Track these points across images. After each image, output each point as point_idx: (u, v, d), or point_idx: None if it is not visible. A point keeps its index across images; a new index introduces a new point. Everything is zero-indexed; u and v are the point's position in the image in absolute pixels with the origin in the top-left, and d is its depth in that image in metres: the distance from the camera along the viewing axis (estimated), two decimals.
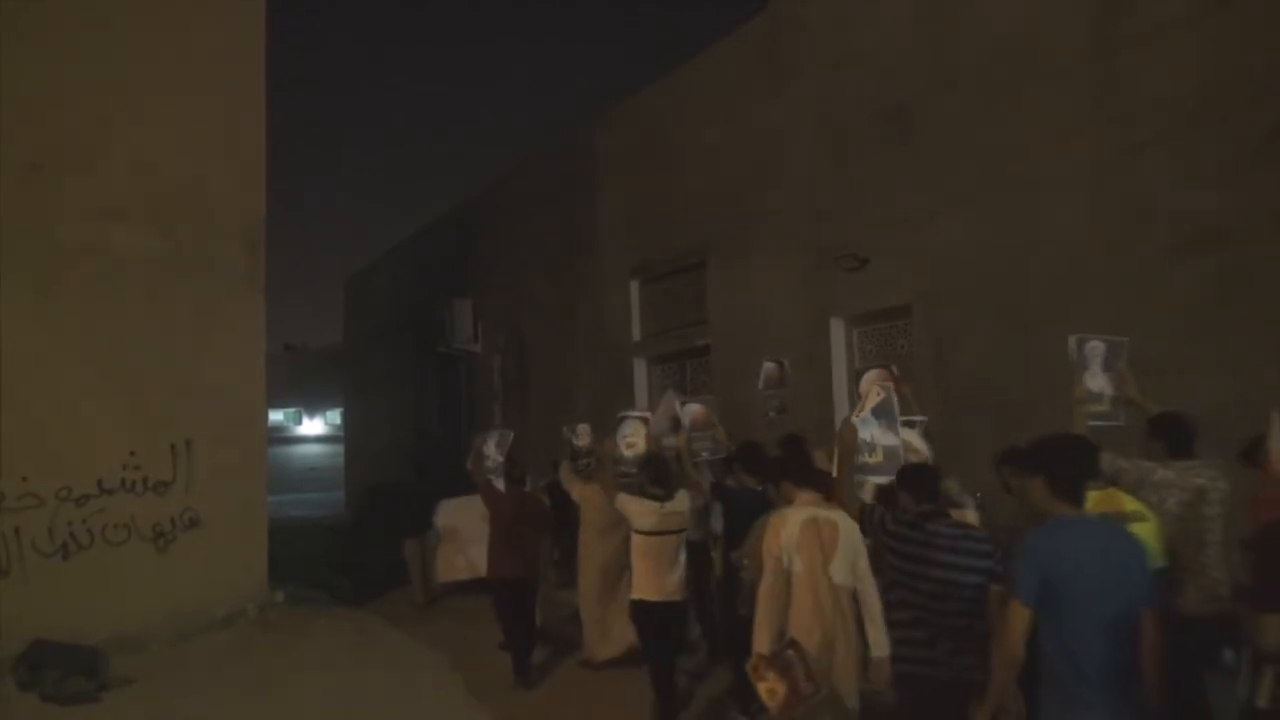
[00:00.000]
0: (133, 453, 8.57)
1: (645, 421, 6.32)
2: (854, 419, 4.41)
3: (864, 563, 4.13)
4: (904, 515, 3.88)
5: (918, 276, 7.62)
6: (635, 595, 5.62)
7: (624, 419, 6.41)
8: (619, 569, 6.57)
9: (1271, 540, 3.22)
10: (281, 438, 38.97)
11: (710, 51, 10.34)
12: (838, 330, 8.56)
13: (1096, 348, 4.81)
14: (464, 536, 8.54)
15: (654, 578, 5.52)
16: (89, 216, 8.55)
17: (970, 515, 4.45)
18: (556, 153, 13.78)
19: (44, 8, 8.52)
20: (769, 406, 7.00)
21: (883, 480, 4.38)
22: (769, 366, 6.93)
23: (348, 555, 13.09)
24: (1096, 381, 4.71)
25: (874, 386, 4.79)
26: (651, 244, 11.08)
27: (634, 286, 11.54)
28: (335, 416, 40.46)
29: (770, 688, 3.95)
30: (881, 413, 4.51)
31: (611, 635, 6.82)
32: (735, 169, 9.69)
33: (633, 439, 6.20)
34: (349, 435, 24.01)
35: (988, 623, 3.56)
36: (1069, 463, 3.25)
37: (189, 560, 8.71)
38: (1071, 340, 4.79)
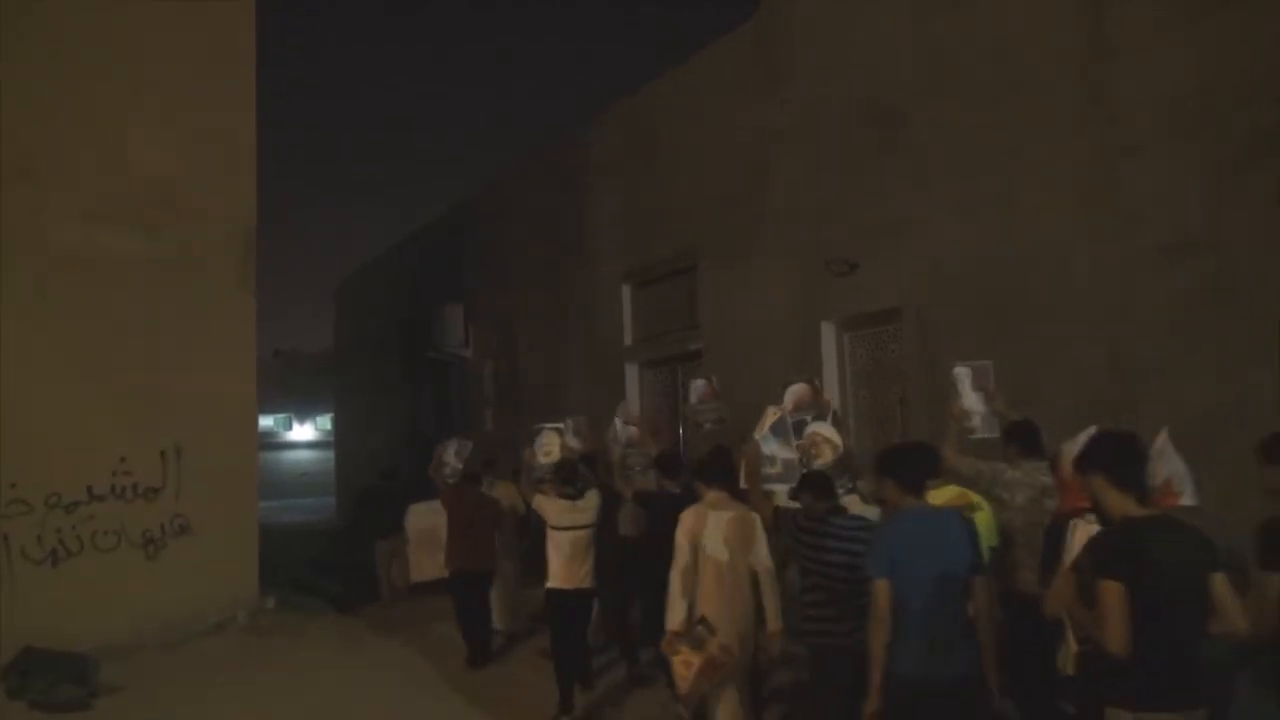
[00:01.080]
0: (123, 459, 8.56)
1: (559, 432, 7.13)
2: (756, 436, 5.35)
3: (766, 550, 4.75)
4: (811, 513, 4.63)
5: (908, 280, 7.65)
6: (549, 584, 6.27)
7: (540, 430, 7.23)
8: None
9: (1053, 532, 4.10)
10: (272, 443, 38.87)
11: (701, 55, 10.36)
12: (829, 334, 8.58)
13: (964, 373, 5.39)
14: (434, 538, 8.79)
15: (566, 568, 6.20)
16: (78, 221, 8.54)
17: (873, 510, 4.91)
18: (548, 157, 13.79)
19: (33, 14, 8.51)
20: (703, 420, 7.33)
21: (782, 487, 5.20)
22: (699, 384, 7.39)
23: (339, 560, 13.07)
24: (969, 400, 5.29)
25: (769, 408, 5.75)
26: (643, 248, 11.09)
27: (626, 291, 11.55)
28: (326, 422, 40.41)
29: (685, 659, 4.40)
30: (779, 430, 5.42)
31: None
32: (726, 173, 9.71)
33: (549, 448, 6.93)
34: (339, 440, 23.95)
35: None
36: (909, 465, 3.96)
37: (179, 566, 8.69)
38: (955, 370, 5.48)
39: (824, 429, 5.46)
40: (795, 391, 6.09)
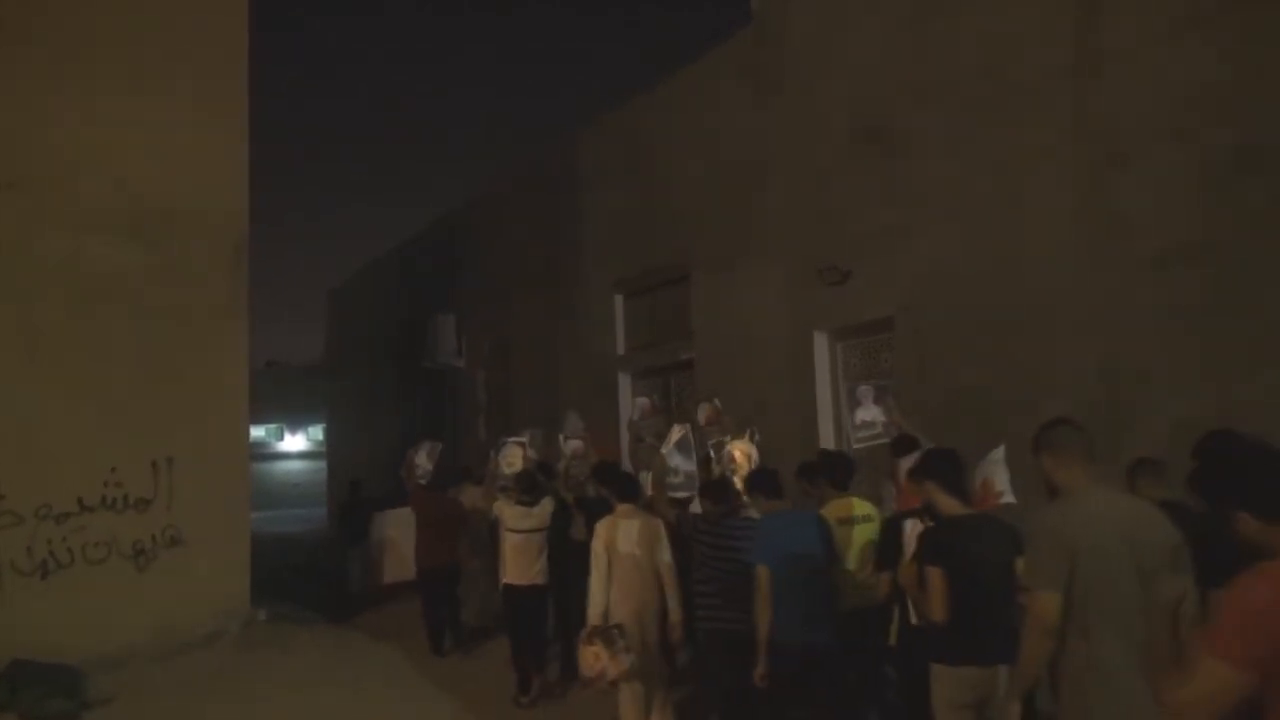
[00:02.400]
0: (113, 469, 8.52)
1: (521, 445, 7.82)
2: (662, 451, 6.34)
3: (669, 550, 5.43)
4: (709, 516, 5.43)
5: (900, 290, 7.68)
6: (505, 580, 7.05)
7: (504, 444, 7.92)
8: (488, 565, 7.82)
9: (890, 528, 4.84)
10: (263, 454, 38.72)
11: (694, 65, 10.40)
12: (821, 344, 8.61)
13: (867, 390, 6.41)
14: (396, 545, 9.58)
15: (520, 566, 6.98)
16: (69, 232, 8.51)
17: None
18: (540, 166, 13.81)
19: (24, 24, 8.50)
20: (644, 434, 8.03)
21: (683, 495, 6.17)
22: (642, 401, 8.25)
23: (317, 567, 13.05)
24: (870, 413, 6.18)
25: (674, 426, 6.73)
26: (635, 257, 11.11)
27: (618, 300, 11.57)
28: (317, 432, 40.26)
29: (596, 653, 5.08)
30: (683, 446, 6.36)
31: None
32: (719, 182, 9.75)
33: (511, 459, 7.68)
34: (331, 451, 23.88)
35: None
36: (767, 478, 5.09)
37: (170, 578, 8.64)
38: (848, 388, 6.62)
39: (741, 445, 6.26)
40: (703, 411, 7.22)
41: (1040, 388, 6.49)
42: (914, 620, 4.38)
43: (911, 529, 4.48)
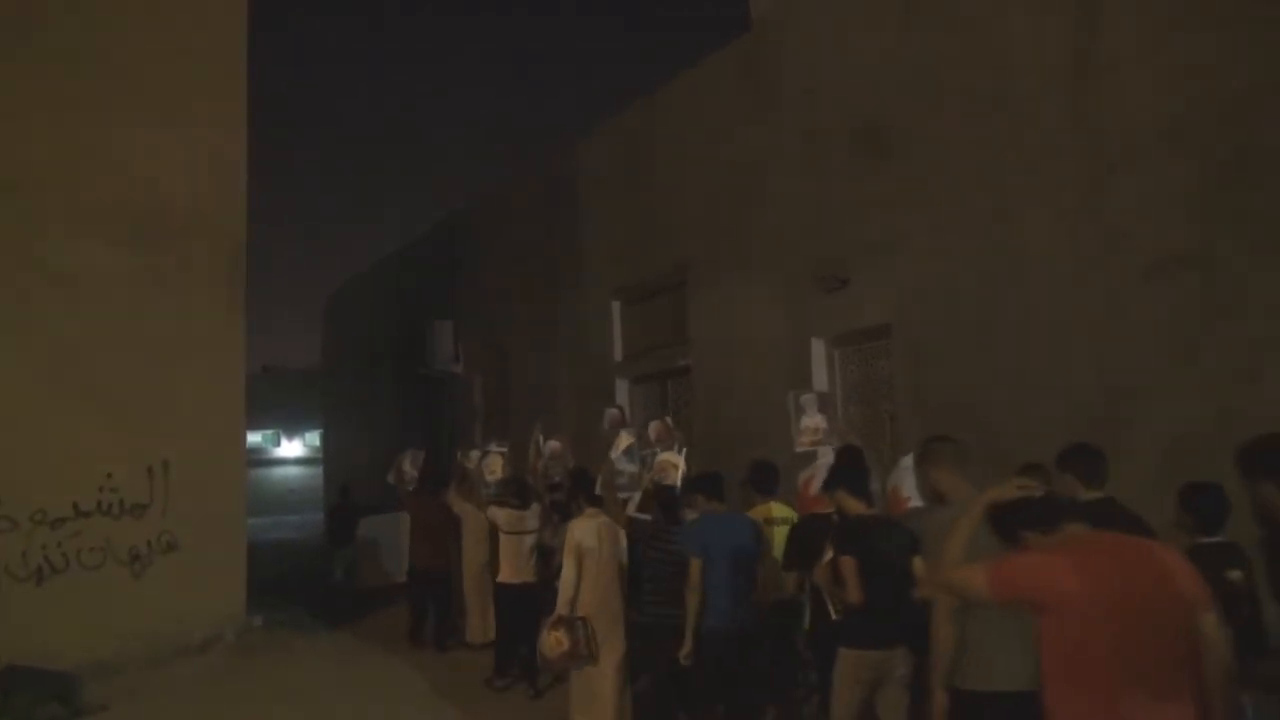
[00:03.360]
0: (109, 475, 8.49)
1: (502, 454, 8.35)
2: (611, 456, 7.00)
3: (626, 547, 6.06)
4: (658, 522, 5.96)
5: (897, 297, 7.69)
6: (500, 579, 7.52)
7: (486, 453, 8.43)
8: (493, 567, 8.04)
9: (792, 531, 5.42)
10: (260, 459, 38.65)
11: (692, 72, 10.42)
12: (818, 350, 8.61)
13: (811, 399, 6.85)
14: (388, 547, 10.08)
15: (512, 566, 7.42)
16: (67, 235, 8.50)
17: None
18: (537, 173, 13.83)
19: (22, 28, 8.50)
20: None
21: (628, 496, 6.78)
22: (612, 411, 8.57)
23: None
24: (814, 420, 6.62)
25: (621, 434, 7.36)
26: (633, 264, 11.12)
27: (615, 307, 11.57)
28: (314, 438, 40.22)
29: (559, 639, 5.69)
30: (630, 453, 7.16)
31: (488, 619, 8.23)
32: (716, 189, 9.76)
33: (493, 468, 8.21)
34: (328, 457, 23.83)
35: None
36: (710, 480, 5.61)
37: (166, 584, 8.62)
38: (790, 395, 6.93)
39: (671, 456, 6.75)
40: (654, 427, 7.63)
41: (1037, 395, 6.50)
42: (834, 615, 4.74)
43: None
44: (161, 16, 9.27)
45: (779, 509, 5.83)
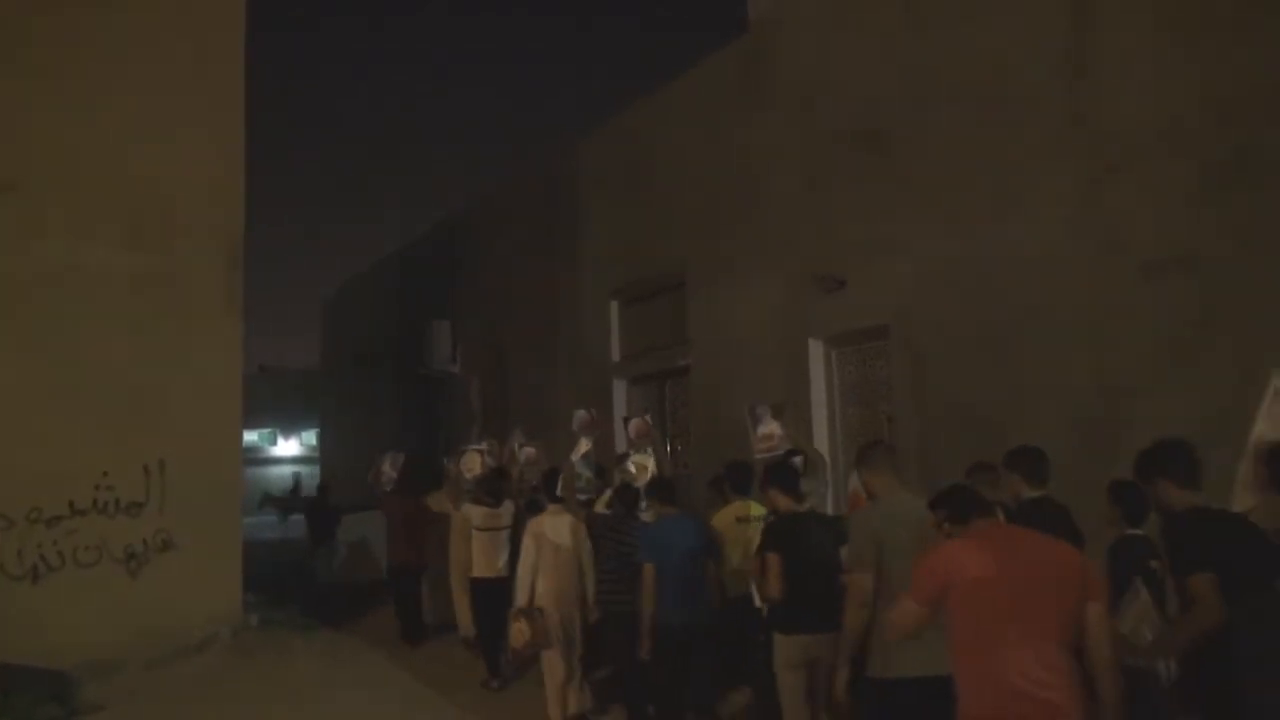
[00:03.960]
0: (105, 473, 8.47)
1: (480, 452, 8.56)
2: (572, 459, 7.58)
3: (588, 543, 6.45)
4: (617, 517, 6.30)
5: (895, 298, 7.69)
6: (473, 574, 7.72)
7: (464, 451, 8.68)
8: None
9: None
10: (256, 459, 38.58)
11: (691, 73, 10.42)
12: (816, 351, 8.61)
13: (765, 409, 7.10)
14: (367, 543, 10.61)
15: (485, 561, 7.64)
16: (64, 234, 8.48)
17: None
18: (536, 174, 13.83)
19: (18, 27, 8.48)
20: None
21: (586, 498, 7.27)
22: (580, 414, 8.69)
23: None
24: (769, 428, 6.89)
25: (581, 440, 7.81)
26: (631, 264, 11.11)
27: (614, 307, 11.57)
28: (311, 438, 40.15)
29: (521, 629, 6.19)
30: (586, 459, 7.58)
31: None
32: (715, 190, 9.76)
33: (471, 465, 8.43)
34: (325, 456, 23.80)
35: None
36: (662, 486, 6.05)
37: (162, 583, 8.59)
38: (748, 406, 7.22)
39: (640, 458, 7.18)
40: (634, 425, 7.85)
41: (1035, 395, 6.50)
42: (757, 603, 5.24)
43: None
44: (161, 17, 9.25)
45: (755, 507, 6.01)
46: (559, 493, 7.35)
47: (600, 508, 7.17)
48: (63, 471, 8.23)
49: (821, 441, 8.37)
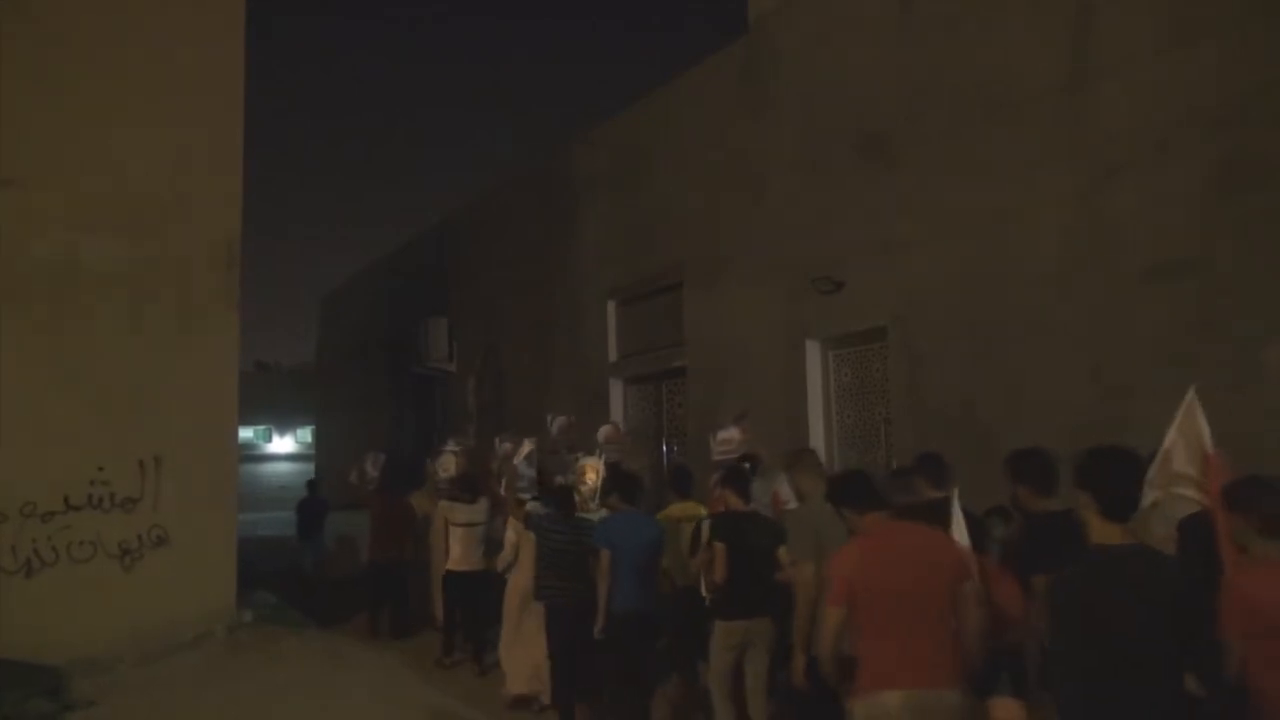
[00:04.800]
0: (100, 468, 8.46)
1: (455, 453, 8.94)
2: (515, 462, 7.82)
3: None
4: (553, 515, 6.61)
5: (893, 300, 7.69)
6: (448, 567, 8.09)
7: (441, 452, 9.07)
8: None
9: (695, 526, 5.88)
10: (251, 455, 38.54)
11: (689, 75, 10.42)
12: (813, 352, 8.62)
13: (727, 416, 7.70)
14: (354, 540, 10.74)
15: (462, 555, 8.01)
16: (62, 229, 8.47)
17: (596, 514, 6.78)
18: (534, 174, 13.82)
19: (17, 23, 8.46)
20: (561, 446, 9.14)
21: (527, 497, 7.54)
22: (560, 419, 9.19)
23: (316, 573, 13.00)
24: (729, 433, 7.30)
25: (524, 442, 8.12)
26: (629, 265, 11.11)
27: (611, 307, 11.56)
28: (306, 434, 40.13)
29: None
30: (530, 459, 7.90)
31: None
32: (713, 191, 9.76)
33: (447, 465, 8.82)
34: (320, 453, 23.77)
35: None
36: (624, 482, 6.21)
37: (156, 579, 8.58)
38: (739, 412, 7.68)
39: (590, 461, 7.48)
40: (604, 431, 8.28)
41: (1032, 397, 6.51)
42: (703, 592, 5.55)
43: (706, 526, 5.63)
44: (159, 14, 9.24)
45: (697, 507, 6.47)
46: (502, 492, 7.75)
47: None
48: (58, 467, 8.22)
49: (818, 443, 8.38)
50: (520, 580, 6.85)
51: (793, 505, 5.61)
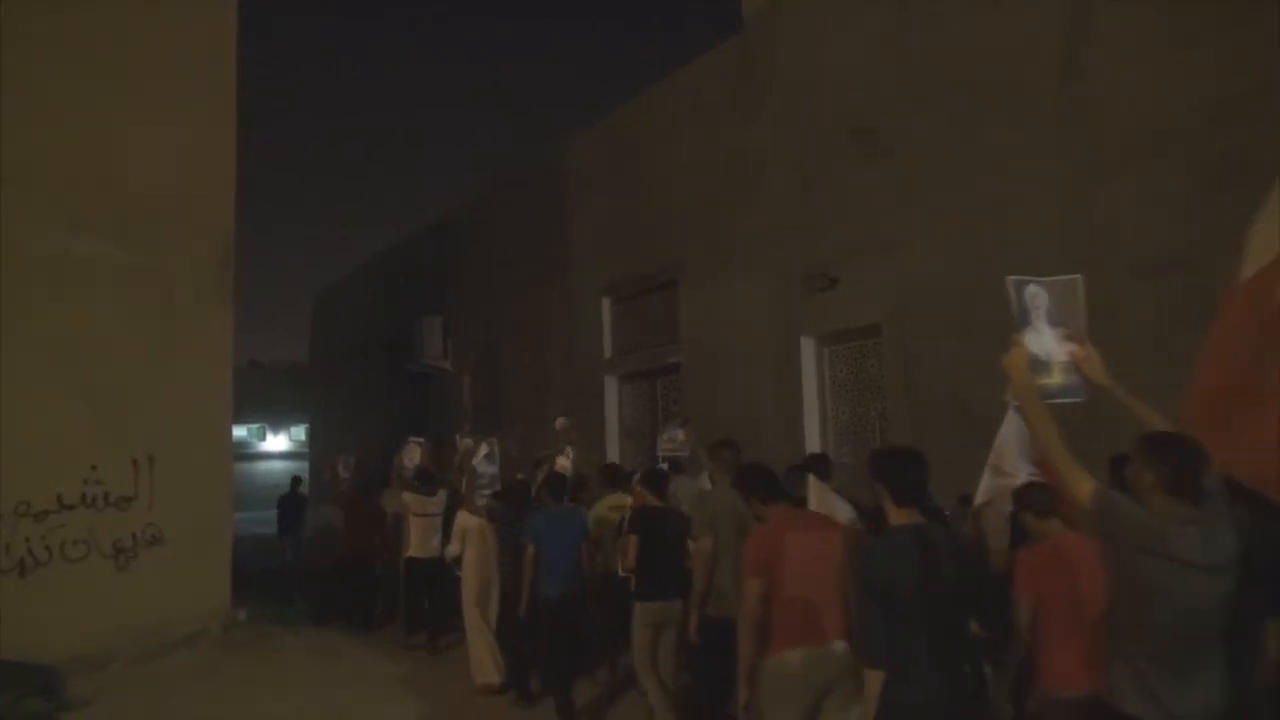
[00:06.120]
0: (94, 467, 8.42)
1: (419, 444, 9.45)
2: (473, 462, 7.96)
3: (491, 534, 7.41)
4: (504, 509, 7.30)
5: (887, 296, 7.70)
6: (409, 554, 8.63)
7: (406, 443, 9.51)
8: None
9: (622, 520, 6.46)
10: (245, 454, 38.46)
11: (684, 71, 10.42)
12: (808, 349, 8.63)
13: (677, 420, 8.27)
14: (329, 532, 11.19)
15: (419, 543, 8.55)
16: (56, 228, 8.43)
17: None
18: (529, 171, 13.80)
19: (12, 22, 8.42)
20: (514, 445, 9.71)
21: (488, 493, 7.82)
22: (561, 420, 9.29)
23: (310, 571, 12.99)
24: (675, 434, 7.80)
25: (484, 443, 8.25)
26: (623, 262, 11.11)
27: (606, 304, 11.56)
28: (300, 433, 40.04)
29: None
30: (490, 458, 8.07)
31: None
32: (708, 188, 9.76)
33: (412, 454, 9.28)
34: (314, 452, 23.72)
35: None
36: (553, 482, 6.87)
37: (150, 577, 8.55)
38: (680, 417, 8.24)
39: (560, 459, 7.99)
40: (560, 424, 8.77)
41: None
42: (620, 573, 6.20)
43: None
44: (153, 13, 9.20)
45: (619, 499, 7.07)
46: (462, 490, 8.16)
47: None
48: (51, 466, 8.19)
49: (814, 438, 8.40)
50: (473, 572, 7.28)
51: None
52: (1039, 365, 3.90)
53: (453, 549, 7.55)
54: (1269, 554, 3.14)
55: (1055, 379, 3.90)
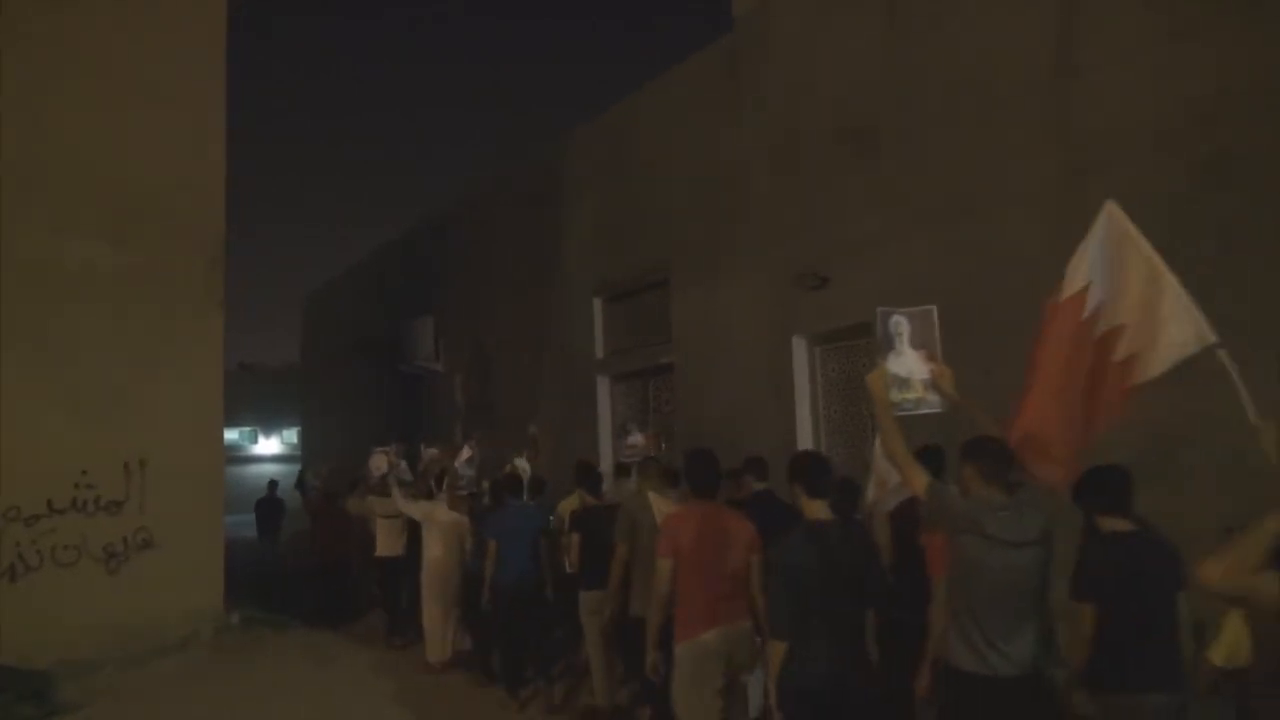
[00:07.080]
0: (84, 471, 8.41)
1: (386, 452, 9.64)
2: (455, 465, 8.48)
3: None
4: (482, 506, 7.90)
5: (879, 296, 7.69)
6: (377, 554, 9.17)
7: (374, 452, 9.71)
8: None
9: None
10: (237, 457, 38.33)
11: (675, 71, 10.42)
12: (800, 348, 8.63)
13: (634, 424, 8.98)
14: (306, 534, 11.37)
15: (386, 542, 9.08)
16: (46, 231, 8.41)
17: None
18: (520, 171, 13.79)
19: (2, 25, 8.39)
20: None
21: (466, 492, 8.31)
22: (533, 427, 9.62)
23: (302, 574, 12.98)
24: (636, 439, 8.28)
25: (464, 447, 8.79)
26: (615, 262, 11.11)
27: (597, 304, 11.56)
28: (291, 436, 39.96)
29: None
30: (470, 462, 8.55)
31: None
32: (699, 188, 9.76)
33: (379, 463, 9.52)
34: (306, 454, 23.66)
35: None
36: (509, 482, 7.40)
37: (142, 581, 8.54)
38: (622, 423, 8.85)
39: (520, 461, 8.42)
40: (531, 431, 9.09)
41: (1016, 394, 6.52)
42: (568, 569, 6.78)
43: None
44: (142, 15, 9.18)
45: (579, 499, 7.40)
46: (443, 489, 8.62)
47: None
48: (41, 470, 8.17)
49: (806, 437, 8.41)
50: (433, 559, 7.92)
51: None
52: (903, 382, 4.59)
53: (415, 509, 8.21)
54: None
55: (917, 393, 4.62)
